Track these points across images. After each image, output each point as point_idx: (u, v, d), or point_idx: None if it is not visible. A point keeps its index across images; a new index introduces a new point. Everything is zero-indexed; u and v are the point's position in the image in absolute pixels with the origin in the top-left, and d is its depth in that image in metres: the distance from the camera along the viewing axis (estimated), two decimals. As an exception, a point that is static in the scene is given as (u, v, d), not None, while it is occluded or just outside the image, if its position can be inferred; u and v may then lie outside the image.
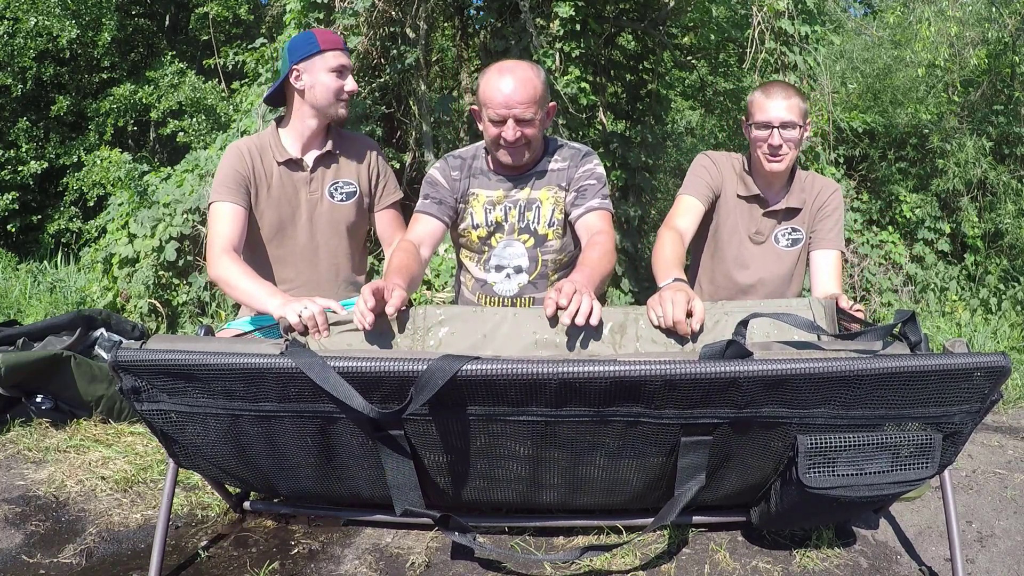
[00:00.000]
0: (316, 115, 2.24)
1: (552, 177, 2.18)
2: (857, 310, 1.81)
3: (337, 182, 2.30)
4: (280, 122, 2.32)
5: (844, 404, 1.31)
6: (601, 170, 2.19)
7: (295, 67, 2.21)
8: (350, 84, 2.24)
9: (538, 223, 2.19)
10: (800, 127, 2.18)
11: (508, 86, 2.00)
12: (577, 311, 1.57)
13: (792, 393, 1.29)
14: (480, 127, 2.13)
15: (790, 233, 2.32)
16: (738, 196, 2.31)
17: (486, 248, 2.25)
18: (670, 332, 1.69)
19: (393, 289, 1.64)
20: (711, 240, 2.38)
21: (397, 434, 1.40)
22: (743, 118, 2.33)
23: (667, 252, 2.05)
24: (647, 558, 1.65)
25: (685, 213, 2.25)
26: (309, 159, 2.28)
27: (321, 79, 2.19)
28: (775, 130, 2.17)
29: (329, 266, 2.32)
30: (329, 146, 2.29)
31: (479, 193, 2.22)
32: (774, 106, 2.18)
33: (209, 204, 2.21)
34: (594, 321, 1.60)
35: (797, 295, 2.43)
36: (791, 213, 2.31)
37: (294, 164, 2.26)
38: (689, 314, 1.65)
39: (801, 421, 1.34)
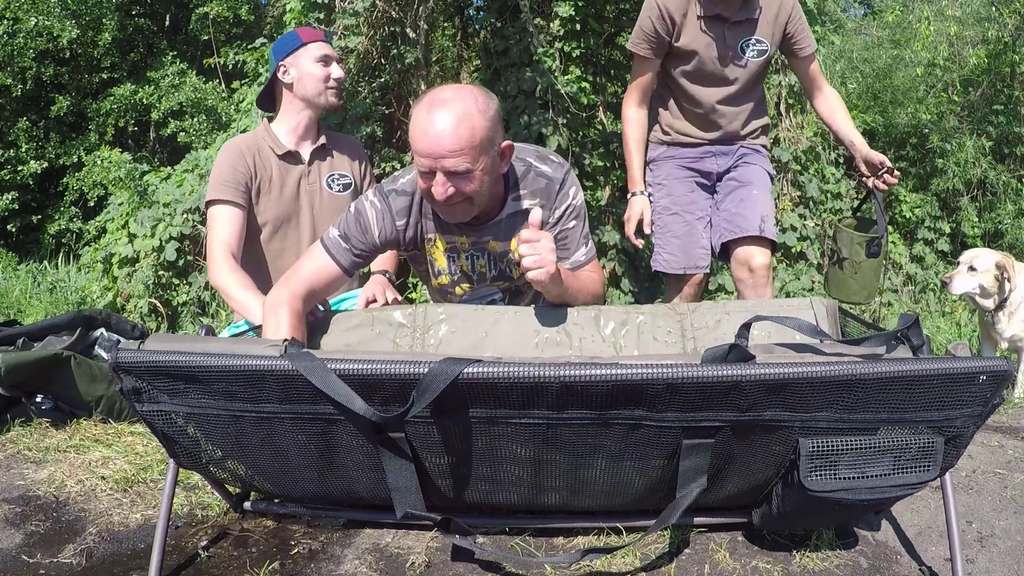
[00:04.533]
0: (307, 106, 2.30)
1: (523, 221, 1.76)
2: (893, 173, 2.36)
3: (333, 174, 2.37)
4: (271, 121, 2.38)
5: (846, 407, 1.31)
6: (579, 199, 1.84)
7: (281, 63, 2.29)
8: (336, 71, 2.30)
9: (513, 268, 1.88)
10: None
11: (435, 127, 1.55)
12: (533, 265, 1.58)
13: (794, 397, 1.29)
14: None
15: (755, 44, 2.44)
16: (698, 17, 2.40)
17: (448, 295, 1.96)
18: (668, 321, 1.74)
19: None
20: (682, 65, 2.49)
21: (398, 437, 1.40)
22: None
23: (634, 138, 2.51)
24: (647, 558, 1.65)
25: (639, 71, 2.50)
26: (305, 152, 2.34)
27: (308, 69, 2.27)
28: None
29: None
30: (323, 140, 2.36)
31: (436, 239, 1.84)
32: None
33: (207, 203, 2.22)
34: (544, 276, 1.58)
35: (760, 101, 2.65)
36: (751, 24, 2.42)
37: (292, 157, 2.32)
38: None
39: (803, 424, 1.34)
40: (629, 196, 2.55)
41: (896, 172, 2.35)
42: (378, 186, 1.84)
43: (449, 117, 1.57)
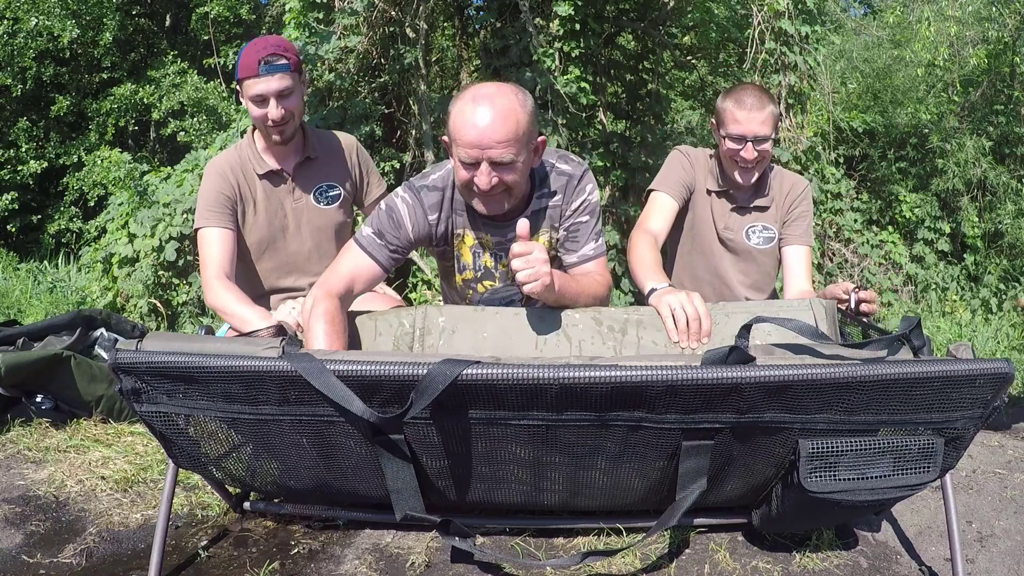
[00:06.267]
0: (262, 135, 2.23)
1: (547, 218, 1.88)
2: (867, 301, 1.95)
3: (320, 186, 2.30)
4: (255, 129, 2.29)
5: (847, 409, 1.31)
6: (595, 196, 1.90)
7: (238, 87, 2.20)
8: (273, 111, 2.10)
9: None
10: (772, 138, 2.14)
11: (483, 119, 1.62)
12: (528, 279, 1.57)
13: (795, 399, 1.29)
14: (453, 163, 1.76)
15: (762, 231, 2.30)
16: (708, 191, 2.29)
17: (470, 291, 2.00)
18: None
19: None
20: (687, 235, 2.35)
21: (397, 438, 1.39)
22: (711, 120, 2.29)
23: (647, 255, 2.00)
24: (647, 558, 1.66)
25: (659, 212, 2.20)
26: (289, 168, 2.27)
27: (248, 106, 2.16)
28: (749, 143, 2.11)
29: (324, 270, 2.32)
30: (308, 152, 2.27)
31: (465, 234, 1.89)
32: (748, 119, 2.10)
33: (195, 229, 2.20)
34: (538, 288, 1.58)
35: (772, 293, 2.45)
36: (761, 210, 2.29)
37: (275, 176, 2.26)
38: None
39: (803, 426, 1.33)
40: (649, 295, 1.87)
41: (867, 291, 2.01)
42: (408, 183, 1.88)
43: (495, 110, 1.63)
